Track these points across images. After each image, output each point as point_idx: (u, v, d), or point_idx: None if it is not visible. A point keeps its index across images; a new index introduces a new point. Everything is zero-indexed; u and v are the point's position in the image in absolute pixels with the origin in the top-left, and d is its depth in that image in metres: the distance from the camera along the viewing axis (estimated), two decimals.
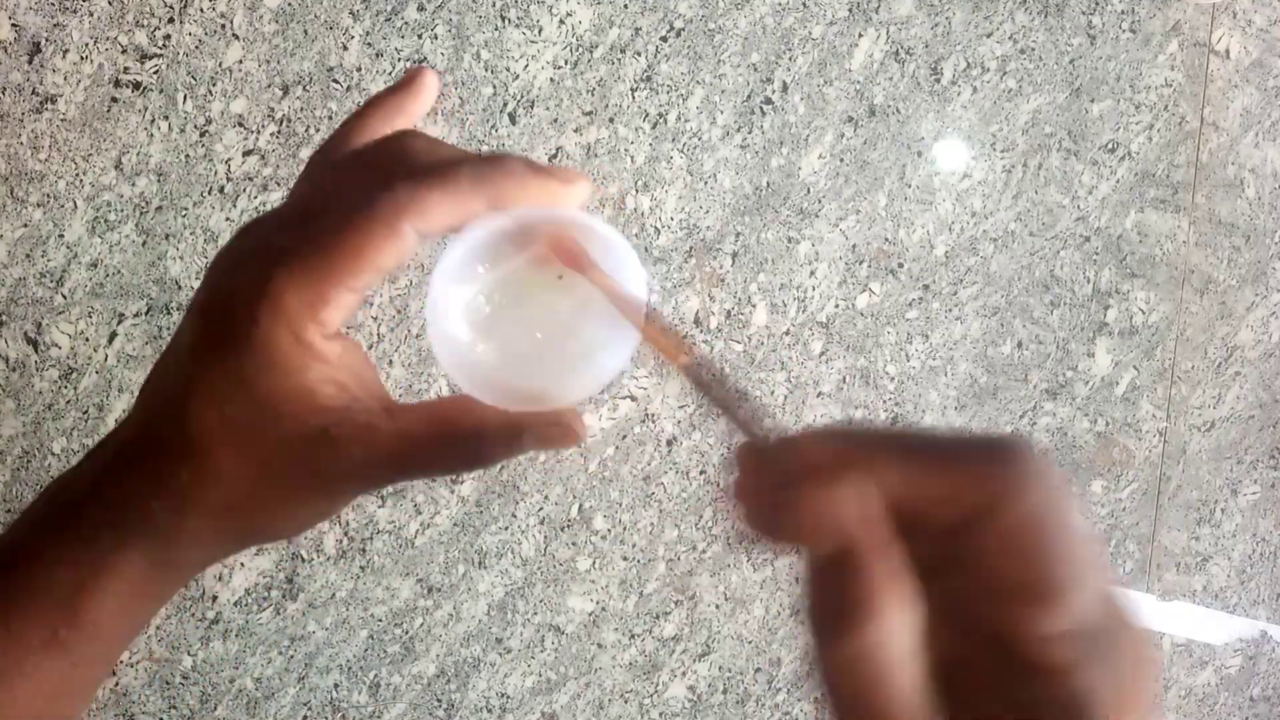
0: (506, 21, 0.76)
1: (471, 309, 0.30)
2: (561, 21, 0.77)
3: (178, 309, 0.73)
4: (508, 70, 0.77)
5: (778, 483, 0.23)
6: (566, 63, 0.77)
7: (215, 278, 0.28)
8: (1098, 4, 0.87)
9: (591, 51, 0.78)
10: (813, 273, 0.83)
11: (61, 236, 0.71)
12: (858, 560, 0.22)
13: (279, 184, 0.74)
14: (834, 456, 0.23)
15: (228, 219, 0.74)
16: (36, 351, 0.72)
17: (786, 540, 0.23)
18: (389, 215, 0.26)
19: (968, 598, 0.23)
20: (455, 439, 0.28)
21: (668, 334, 0.27)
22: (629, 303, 0.28)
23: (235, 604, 0.75)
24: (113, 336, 0.73)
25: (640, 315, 0.28)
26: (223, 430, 0.27)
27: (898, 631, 0.22)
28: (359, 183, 0.27)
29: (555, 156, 0.78)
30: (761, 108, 0.81)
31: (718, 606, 0.84)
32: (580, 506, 0.80)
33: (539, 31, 0.77)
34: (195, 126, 0.73)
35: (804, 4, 0.81)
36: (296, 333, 0.26)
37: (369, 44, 0.74)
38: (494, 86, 0.76)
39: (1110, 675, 0.22)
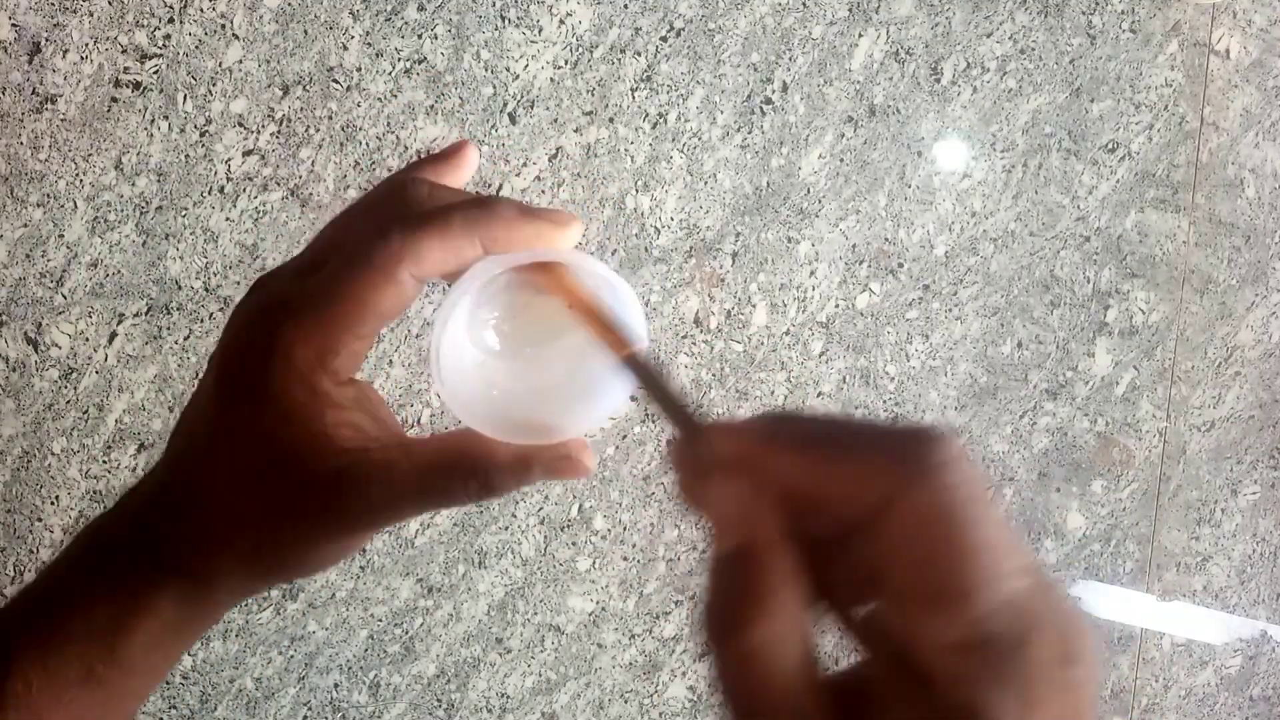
0: (506, 21, 0.76)
1: (474, 349, 0.31)
2: (561, 21, 0.77)
3: (178, 309, 0.73)
4: (508, 70, 0.77)
5: (695, 478, 0.23)
6: (566, 63, 0.77)
7: (233, 332, 0.29)
8: (1098, 4, 0.87)
9: (591, 51, 0.78)
10: (813, 273, 0.83)
11: (61, 236, 0.71)
12: (748, 557, 0.21)
13: (279, 184, 0.74)
14: (735, 451, 0.22)
15: (228, 219, 0.74)
16: (36, 351, 0.72)
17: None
18: (386, 264, 0.27)
19: (867, 599, 0.22)
20: (468, 473, 0.29)
21: (615, 328, 0.28)
22: (605, 317, 0.28)
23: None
24: (113, 336, 0.73)
25: (619, 339, 0.28)
26: (246, 479, 0.28)
27: (787, 633, 0.20)
28: (359, 233, 0.29)
29: (555, 156, 0.78)
30: (761, 108, 0.81)
31: None
32: (580, 506, 0.81)
33: (539, 31, 0.77)
34: (195, 126, 0.73)
35: (804, 4, 0.81)
36: (309, 383, 0.28)
37: (369, 44, 0.74)
38: (494, 86, 0.76)
39: (1015, 693, 0.19)
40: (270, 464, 0.28)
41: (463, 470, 0.29)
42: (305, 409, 0.28)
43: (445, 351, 0.29)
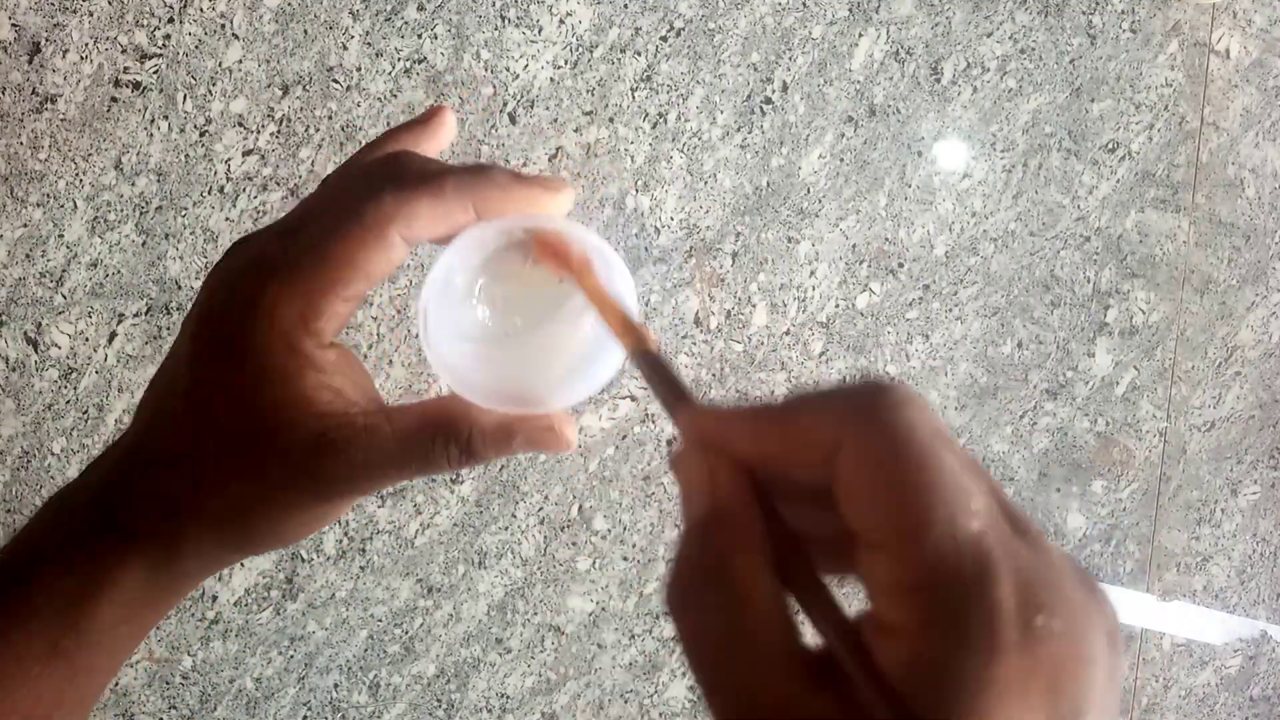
0: (506, 21, 0.76)
1: (463, 314, 0.31)
2: (561, 21, 0.77)
3: (178, 309, 0.73)
4: (508, 70, 0.77)
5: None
6: (566, 62, 0.77)
7: (210, 291, 0.28)
8: (1098, 4, 0.87)
9: (591, 51, 0.78)
10: (813, 273, 0.83)
11: (61, 236, 0.71)
12: (707, 523, 0.21)
13: (279, 184, 0.74)
14: (702, 426, 0.22)
15: (228, 219, 0.74)
16: (36, 351, 0.72)
17: None
18: (376, 223, 0.27)
19: (827, 555, 0.21)
20: (450, 438, 0.29)
21: (631, 324, 0.27)
22: (610, 299, 0.28)
23: (235, 604, 0.75)
24: (113, 336, 0.73)
25: (620, 311, 0.28)
26: (221, 442, 0.27)
27: (746, 595, 0.20)
28: (348, 194, 0.28)
29: (555, 156, 0.78)
30: (761, 108, 0.81)
31: None
32: (580, 506, 0.80)
33: (539, 31, 0.77)
34: (195, 126, 0.73)
35: (804, 4, 0.81)
36: (291, 344, 0.27)
37: (369, 44, 0.74)
38: (494, 86, 0.76)
39: (972, 642, 0.17)
40: (248, 427, 0.27)
41: (444, 435, 0.28)
42: (286, 371, 0.27)
43: (434, 315, 0.29)
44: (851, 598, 0.20)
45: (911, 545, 0.18)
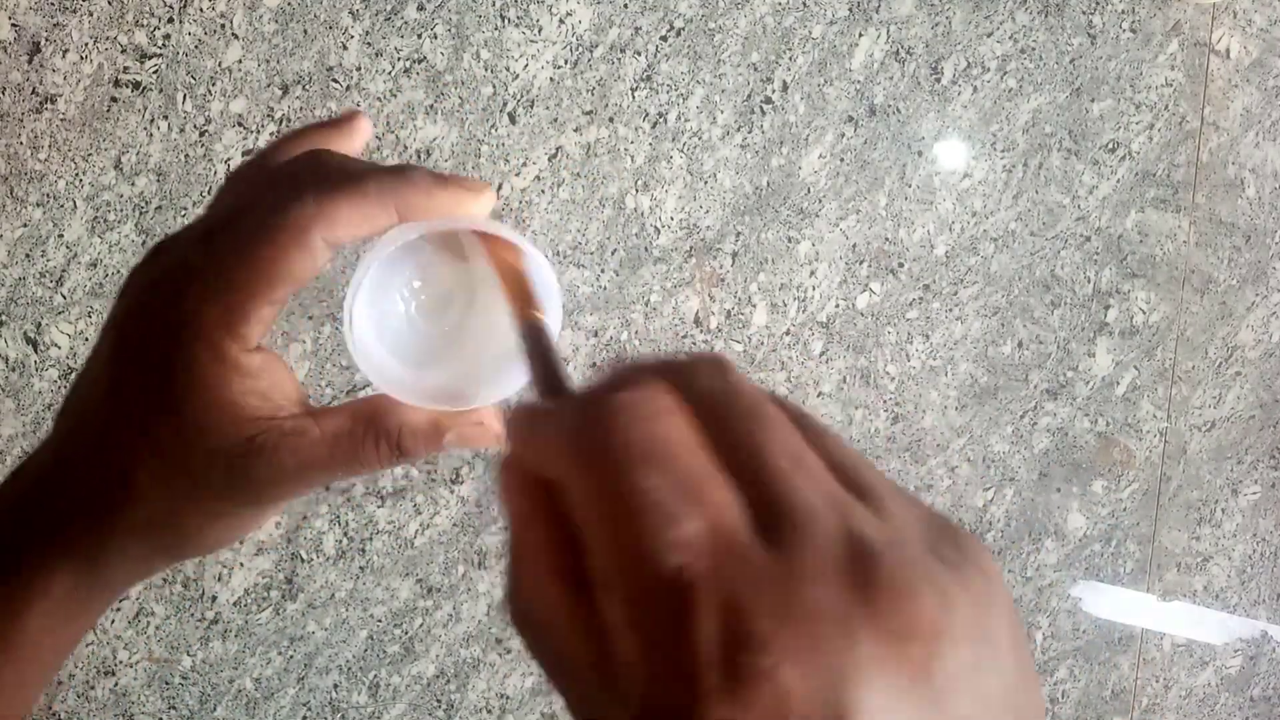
0: (506, 21, 0.76)
1: (388, 313, 0.31)
2: (561, 21, 0.77)
3: None
4: (508, 70, 0.76)
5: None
6: (566, 62, 0.77)
7: (132, 297, 0.28)
8: (1098, 4, 0.87)
9: (591, 51, 0.78)
10: (813, 273, 0.83)
11: (61, 236, 0.71)
12: (509, 536, 0.21)
13: None
14: (510, 441, 0.22)
15: None
16: (36, 351, 0.72)
17: None
18: (298, 227, 0.26)
19: None
20: (379, 436, 0.29)
21: (527, 292, 0.28)
22: (514, 265, 0.28)
23: (235, 604, 0.75)
24: None
25: (521, 279, 0.28)
26: (145, 450, 0.27)
27: (538, 593, 0.20)
28: (268, 196, 0.28)
29: (555, 156, 0.78)
30: (761, 107, 0.81)
31: None
32: None
33: (539, 31, 0.77)
34: (195, 126, 0.73)
35: (804, 4, 0.81)
36: (217, 349, 0.27)
37: (369, 44, 0.74)
38: (494, 86, 0.76)
39: (675, 699, 0.16)
40: (175, 432, 0.27)
41: (374, 433, 0.29)
42: (213, 376, 0.27)
43: (358, 315, 0.29)
44: None
45: (618, 583, 0.17)
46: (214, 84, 0.73)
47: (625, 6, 0.78)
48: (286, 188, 0.27)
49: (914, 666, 0.16)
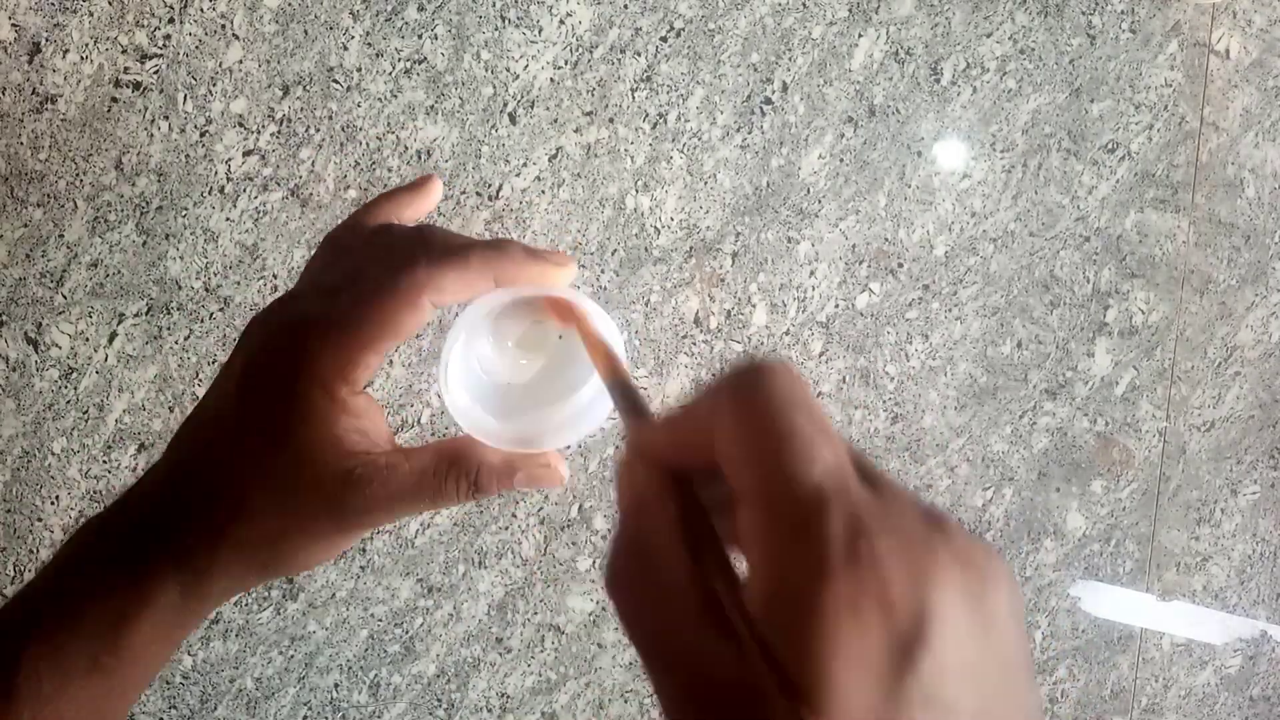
0: (506, 21, 0.76)
1: (478, 366, 0.36)
2: (561, 21, 0.77)
3: (178, 309, 0.73)
4: (508, 70, 0.77)
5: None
6: (566, 63, 0.77)
7: (257, 340, 0.32)
8: (1098, 4, 0.87)
9: (591, 51, 0.78)
10: (813, 273, 0.83)
11: (61, 236, 0.71)
12: (629, 518, 0.24)
13: (279, 184, 0.74)
14: (629, 446, 0.26)
15: (228, 219, 0.74)
16: (36, 351, 0.72)
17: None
18: (411, 291, 0.31)
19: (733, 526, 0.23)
20: (461, 473, 0.32)
21: (611, 356, 0.32)
22: (601, 341, 0.33)
23: (235, 604, 0.76)
24: (113, 336, 0.73)
25: (604, 346, 0.32)
26: (259, 473, 0.31)
27: (666, 569, 0.22)
28: (386, 261, 0.32)
29: (555, 156, 0.78)
30: (761, 108, 0.81)
31: None
32: (580, 506, 0.81)
33: (539, 31, 0.77)
34: (195, 126, 0.73)
35: (804, 4, 0.81)
36: (329, 391, 0.31)
37: (369, 44, 0.74)
38: (494, 86, 0.76)
39: (808, 569, 0.20)
40: (285, 461, 0.30)
41: (455, 470, 0.32)
42: (323, 413, 0.31)
43: (453, 366, 0.33)
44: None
45: (763, 495, 0.21)
46: (214, 84, 0.73)
47: (625, 7, 0.78)
48: (402, 256, 0.32)
49: (975, 583, 0.21)
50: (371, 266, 0.32)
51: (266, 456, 0.31)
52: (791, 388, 0.22)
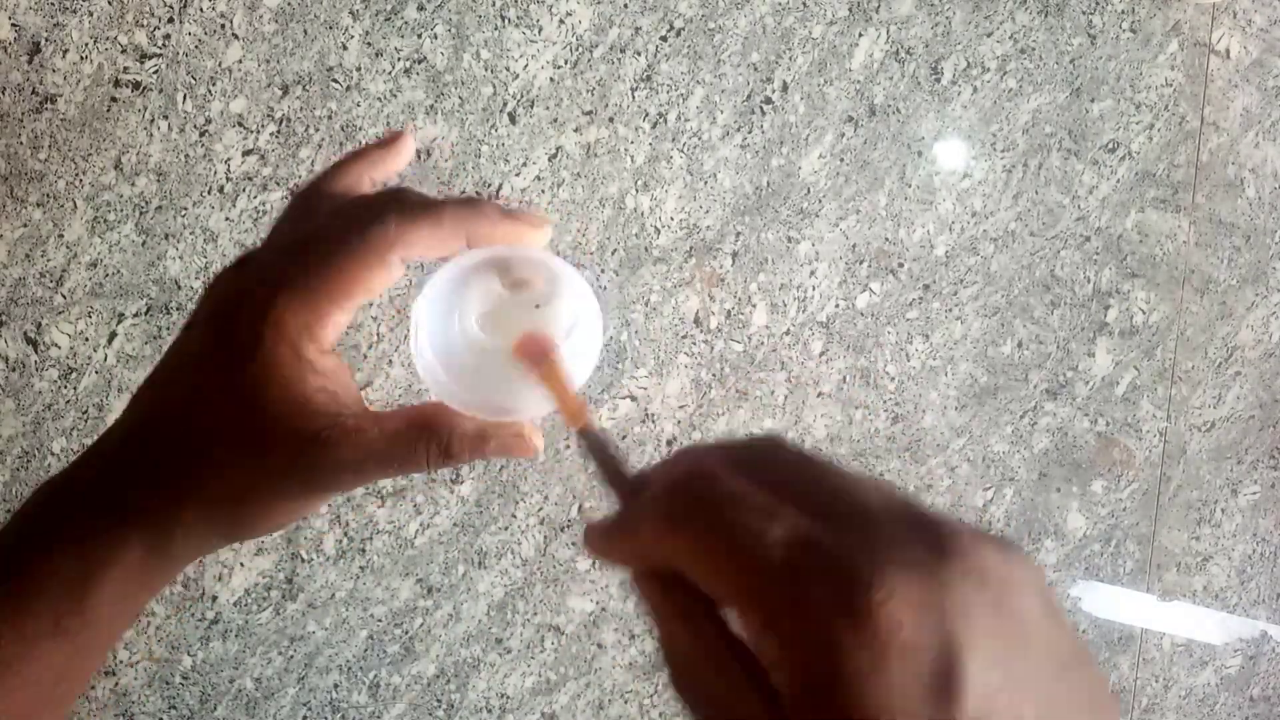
0: (506, 21, 0.76)
1: (450, 329, 0.35)
2: (561, 21, 0.77)
3: (177, 309, 0.73)
4: (508, 70, 0.76)
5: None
6: (566, 62, 0.77)
7: (220, 297, 0.31)
8: (1098, 4, 0.87)
9: (591, 51, 0.78)
10: (813, 273, 0.83)
11: (61, 236, 0.71)
12: (639, 581, 0.25)
13: (278, 184, 0.74)
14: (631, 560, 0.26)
15: (227, 219, 0.74)
16: (36, 351, 0.72)
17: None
18: (381, 246, 0.30)
19: None
20: (431, 439, 0.32)
21: (576, 402, 0.32)
22: (569, 393, 0.32)
23: (235, 604, 0.75)
24: (112, 336, 0.73)
25: (571, 398, 0.32)
26: (225, 430, 0.30)
27: (685, 632, 0.23)
28: (354, 218, 0.31)
29: (555, 156, 0.78)
30: (761, 107, 0.81)
31: None
32: (580, 506, 0.80)
33: (539, 31, 0.77)
34: (195, 126, 0.73)
35: (804, 4, 0.81)
36: (296, 349, 0.30)
37: (369, 44, 0.74)
38: (494, 86, 0.76)
39: (797, 640, 0.20)
40: (251, 419, 0.30)
41: (426, 436, 0.31)
42: (290, 372, 0.29)
43: (423, 328, 0.32)
44: None
45: (741, 597, 0.21)
46: (214, 84, 0.73)
47: (625, 6, 0.78)
48: (372, 212, 0.31)
49: (994, 594, 0.20)
50: (339, 222, 0.31)
51: (232, 415, 0.30)
52: (710, 489, 0.22)
